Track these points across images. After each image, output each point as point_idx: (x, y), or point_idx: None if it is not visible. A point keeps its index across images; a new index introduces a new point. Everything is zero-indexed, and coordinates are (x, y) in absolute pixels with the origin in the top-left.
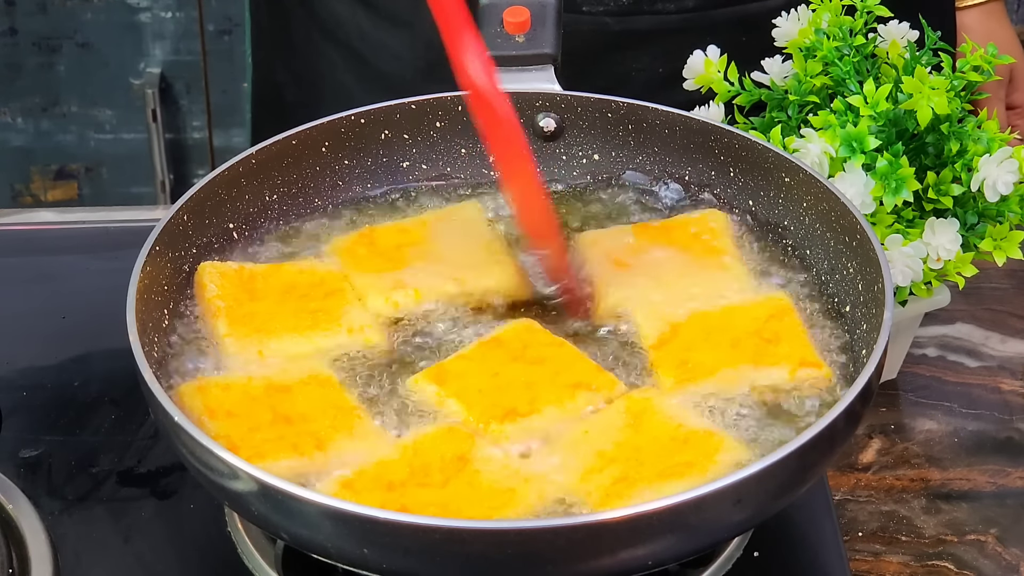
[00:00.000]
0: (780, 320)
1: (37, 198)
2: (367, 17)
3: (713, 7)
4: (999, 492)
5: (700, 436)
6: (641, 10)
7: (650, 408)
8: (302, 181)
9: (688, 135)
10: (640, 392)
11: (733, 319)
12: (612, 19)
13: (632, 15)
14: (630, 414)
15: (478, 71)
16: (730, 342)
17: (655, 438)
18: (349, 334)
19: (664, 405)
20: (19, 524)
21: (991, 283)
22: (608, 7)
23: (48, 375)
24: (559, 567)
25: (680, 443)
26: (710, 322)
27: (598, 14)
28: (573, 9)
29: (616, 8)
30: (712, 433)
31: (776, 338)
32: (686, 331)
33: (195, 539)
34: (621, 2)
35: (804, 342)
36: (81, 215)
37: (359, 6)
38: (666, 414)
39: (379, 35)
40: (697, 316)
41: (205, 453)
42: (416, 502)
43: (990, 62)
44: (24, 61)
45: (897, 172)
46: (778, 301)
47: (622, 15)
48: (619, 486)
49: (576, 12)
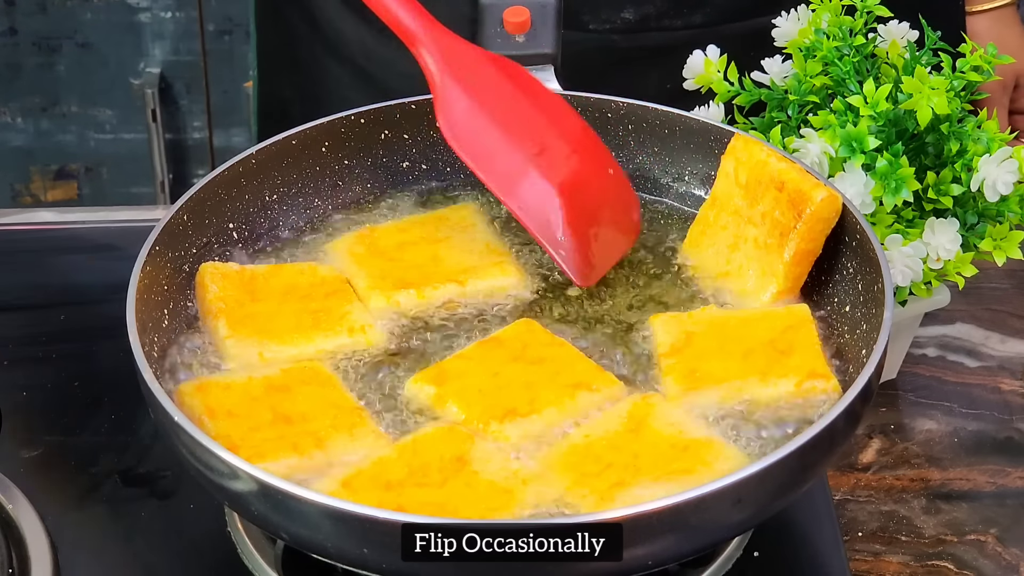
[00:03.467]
0: (797, 331)
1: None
2: (371, 35)
3: (720, 23)
4: (999, 492)
5: (700, 444)
6: (648, 27)
7: (652, 414)
8: (302, 181)
9: (688, 135)
10: (643, 397)
11: (750, 328)
12: (619, 36)
13: (639, 32)
14: (631, 419)
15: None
16: (742, 353)
17: (654, 444)
18: (350, 334)
19: (666, 411)
20: (19, 524)
21: (991, 283)
22: (615, 25)
23: (48, 375)
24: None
25: (679, 450)
26: (727, 330)
27: (605, 32)
28: (579, 27)
29: (623, 26)
30: (712, 441)
31: (789, 349)
32: (700, 340)
33: (195, 539)
34: (628, 20)
35: (817, 353)
36: (81, 215)
37: (363, 24)
38: (667, 420)
39: (384, 52)
40: (715, 322)
41: (205, 453)
42: (414, 502)
43: (990, 62)
44: (24, 61)
45: (897, 172)
46: (798, 311)
47: (629, 32)
48: (615, 490)
49: (583, 31)
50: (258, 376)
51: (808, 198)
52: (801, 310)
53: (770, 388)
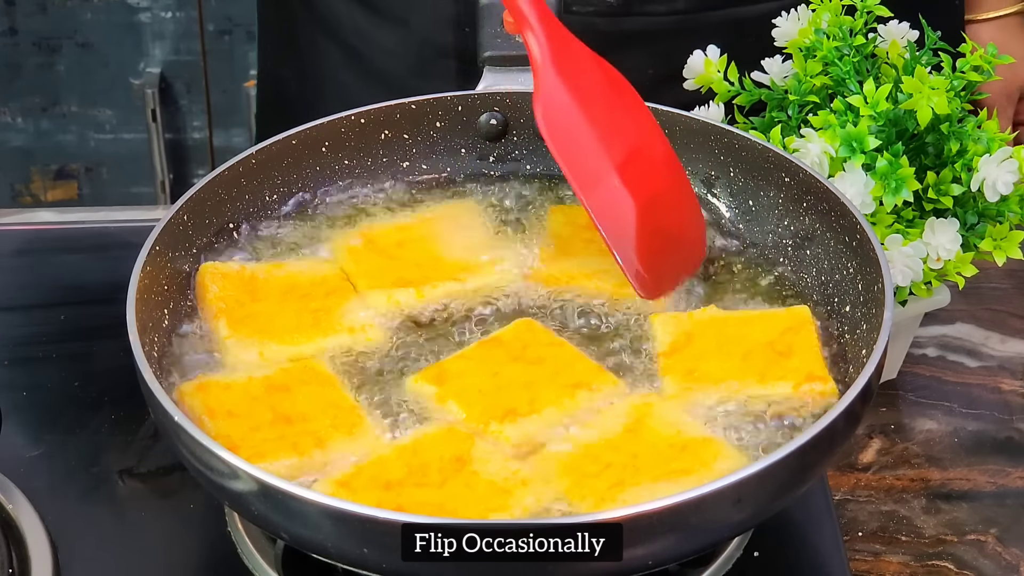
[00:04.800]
0: (796, 333)
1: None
2: (363, 14)
3: (703, 9)
4: (999, 492)
5: (698, 443)
6: (631, 11)
7: (650, 413)
8: (302, 181)
9: (688, 135)
10: (642, 397)
11: (750, 329)
12: (601, 20)
13: (622, 16)
14: (630, 419)
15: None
16: (742, 354)
17: (653, 444)
18: (350, 334)
19: (665, 411)
20: (19, 524)
21: (991, 283)
22: (598, 8)
23: (48, 375)
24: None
25: (678, 450)
26: (726, 331)
27: (587, 15)
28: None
29: (605, 9)
30: (711, 441)
31: (788, 351)
32: (700, 340)
33: (195, 539)
34: (610, 3)
35: (816, 355)
36: (81, 215)
37: (355, 3)
38: (666, 420)
39: (373, 31)
40: (715, 323)
41: (205, 453)
42: (412, 502)
43: (990, 62)
44: (24, 61)
45: (897, 172)
46: (799, 313)
47: (611, 16)
48: (615, 491)
49: (565, 12)
50: (258, 376)
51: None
52: (801, 312)
53: (767, 389)
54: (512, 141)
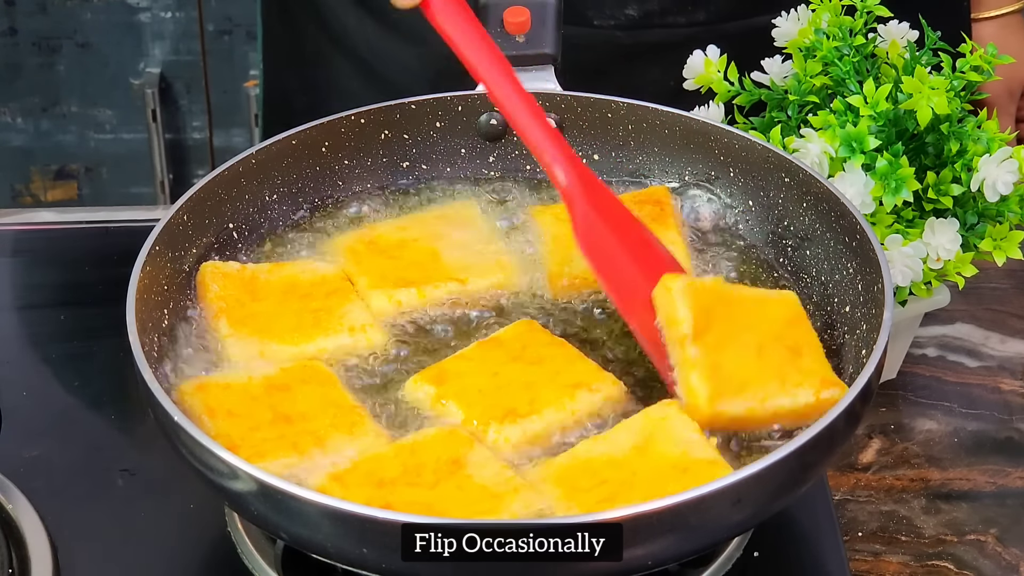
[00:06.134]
0: (796, 326)
1: (37, 198)
2: (375, 29)
3: (723, 20)
4: (999, 492)
5: (702, 465)
6: (652, 24)
7: (663, 428)
8: (302, 181)
9: (688, 135)
10: (661, 405)
11: (755, 313)
12: (623, 33)
13: (643, 28)
14: (641, 436)
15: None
16: (756, 347)
17: (655, 465)
18: (350, 334)
19: (678, 427)
20: (19, 524)
21: (991, 283)
22: (619, 21)
23: (48, 375)
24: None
25: (679, 472)
26: (737, 311)
27: (609, 28)
28: (583, 23)
29: (627, 22)
30: (717, 463)
31: (797, 348)
32: (718, 322)
33: (195, 539)
34: (632, 16)
35: (821, 358)
36: (81, 215)
37: (368, 18)
38: (676, 438)
39: (387, 46)
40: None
41: (205, 453)
42: (402, 500)
43: (990, 62)
44: (24, 61)
45: (897, 172)
46: (787, 299)
47: (633, 29)
48: (603, 505)
49: (587, 26)
50: (258, 375)
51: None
52: (789, 297)
53: (789, 399)
54: (512, 141)
